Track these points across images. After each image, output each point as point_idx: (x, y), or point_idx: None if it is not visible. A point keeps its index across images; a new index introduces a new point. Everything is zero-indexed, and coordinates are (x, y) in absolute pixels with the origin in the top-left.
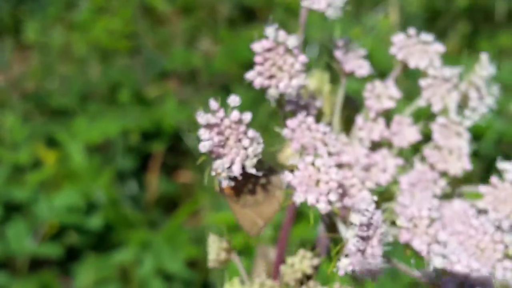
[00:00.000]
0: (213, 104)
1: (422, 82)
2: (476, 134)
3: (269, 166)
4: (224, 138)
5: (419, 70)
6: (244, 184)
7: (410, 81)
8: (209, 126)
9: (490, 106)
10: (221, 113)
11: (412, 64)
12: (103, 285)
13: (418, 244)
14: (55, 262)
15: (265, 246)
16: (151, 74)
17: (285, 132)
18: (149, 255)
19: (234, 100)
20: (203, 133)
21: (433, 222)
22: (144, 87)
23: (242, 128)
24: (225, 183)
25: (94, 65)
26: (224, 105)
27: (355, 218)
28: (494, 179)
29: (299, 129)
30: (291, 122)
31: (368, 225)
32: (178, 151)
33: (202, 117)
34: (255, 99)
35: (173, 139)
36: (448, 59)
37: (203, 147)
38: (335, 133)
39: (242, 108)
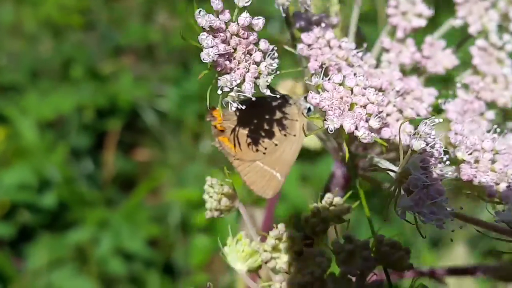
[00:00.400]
0: (216, 2)
1: None
2: None
3: (281, 94)
4: (231, 48)
5: None
6: (250, 126)
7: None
8: (212, 30)
9: None
10: (226, 15)
11: None
12: (58, 266)
13: (486, 182)
14: (7, 242)
15: (250, 207)
16: (106, 49)
17: (300, 48)
18: (107, 234)
19: None
20: (205, 38)
21: (497, 155)
22: (99, 63)
23: (253, 37)
24: (234, 107)
25: (46, 41)
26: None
27: (416, 144)
28: None
29: (316, 45)
30: (306, 36)
31: (431, 155)
32: (136, 128)
33: (203, 18)
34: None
35: (130, 116)
36: None
37: (207, 55)
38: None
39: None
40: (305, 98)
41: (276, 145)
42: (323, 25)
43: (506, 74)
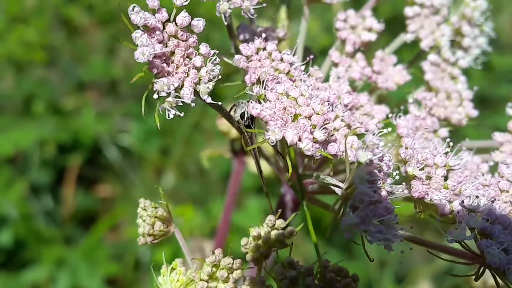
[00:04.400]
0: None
1: (408, 11)
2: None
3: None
4: (168, 51)
5: None
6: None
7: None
8: (147, 29)
9: (482, 46)
10: (163, 14)
11: None
12: None
13: (438, 200)
14: None
15: (199, 238)
16: (68, 85)
17: (237, 59)
18: (64, 272)
19: None
20: (139, 36)
21: (450, 171)
22: (61, 98)
23: (192, 39)
24: (171, 114)
25: (8, 76)
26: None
27: (362, 155)
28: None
29: (256, 57)
30: (245, 47)
31: (379, 168)
32: (97, 164)
33: (137, 15)
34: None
35: (92, 152)
36: None
37: (141, 54)
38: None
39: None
40: (235, 110)
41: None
42: (264, 36)
43: (460, 91)
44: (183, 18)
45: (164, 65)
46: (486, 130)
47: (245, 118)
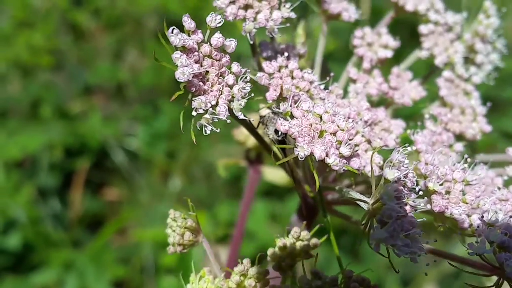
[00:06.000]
0: (188, 21)
1: (423, 28)
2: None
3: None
4: (204, 70)
5: (416, 16)
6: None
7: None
8: (184, 50)
9: (494, 63)
10: (199, 35)
11: (409, 6)
12: None
13: (458, 214)
14: None
15: (214, 245)
16: (75, 89)
17: (259, 76)
18: (72, 275)
19: (214, 18)
20: (179, 56)
21: (468, 186)
22: (68, 102)
23: (225, 59)
24: (208, 130)
25: (15, 81)
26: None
27: (389, 173)
28: None
29: (278, 74)
30: (268, 65)
31: (404, 185)
32: (104, 167)
33: (176, 36)
34: (185, 114)
35: (99, 156)
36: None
37: (182, 74)
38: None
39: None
40: (266, 125)
41: None
42: (287, 54)
43: (474, 106)
44: (217, 39)
45: (201, 83)
46: (493, 133)
47: (279, 134)
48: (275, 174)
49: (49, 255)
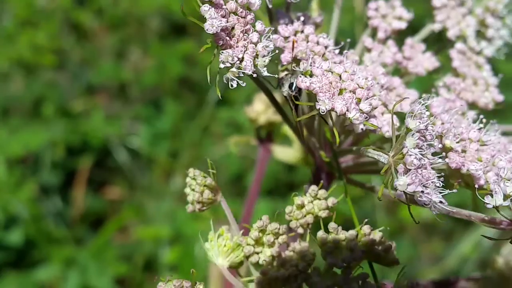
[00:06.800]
0: None
1: (436, 2)
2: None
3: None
4: (230, 25)
5: None
6: None
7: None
8: (212, 4)
9: (504, 38)
10: None
11: None
12: None
13: (475, 170)
14: None
15: (225, 222)
16: (78, 88)
17: (275, 38)
18: (74, 272)
19: None
20: (207, 9)
21: (483, 146)
22: (71, 101)
23: (250, 16)
24: (234, 83)
25: (18, 79)
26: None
27: (411, 122)
28: None
29: (293, 38)
30: (284, 29)
31: (424, 136)
32: (106, 166)
33: None
34: (188, 114)
35: (101, 154)
36: None
37: (211, 25)
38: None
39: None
40: (282, 84)
41: None
42: (303, 19)
43: (486, 77)
44: None
45: (228, 38)
46: None
47: (293, 88)
48: (285, 153)
49: (51, 251)
